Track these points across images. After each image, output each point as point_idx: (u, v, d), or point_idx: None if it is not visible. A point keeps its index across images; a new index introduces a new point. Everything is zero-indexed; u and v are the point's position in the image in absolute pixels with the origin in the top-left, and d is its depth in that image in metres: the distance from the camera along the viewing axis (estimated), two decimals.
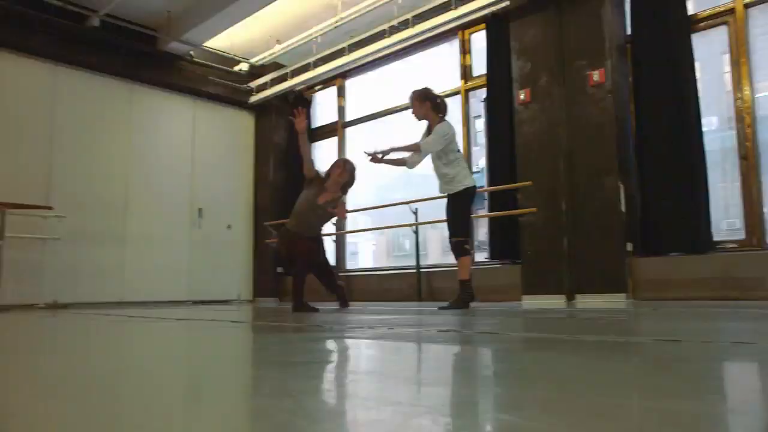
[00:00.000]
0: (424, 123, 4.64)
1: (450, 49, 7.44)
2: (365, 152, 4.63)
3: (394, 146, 4.59)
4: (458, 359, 1.55)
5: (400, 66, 7.92)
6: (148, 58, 7.60)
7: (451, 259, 4.65)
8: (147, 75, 7.67)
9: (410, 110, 4.64)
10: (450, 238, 4.49)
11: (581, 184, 5.20)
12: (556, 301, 5.11)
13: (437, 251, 8.64)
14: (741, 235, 4.92)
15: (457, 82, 7.07)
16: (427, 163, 4.70)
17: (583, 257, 5.12)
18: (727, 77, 5.19)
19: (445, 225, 4.67)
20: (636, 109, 5.34)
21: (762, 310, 3.26)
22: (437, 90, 7.24)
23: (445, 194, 4.58)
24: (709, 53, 5.42)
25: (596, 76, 5.20)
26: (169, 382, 1.22)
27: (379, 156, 4.55)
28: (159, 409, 0.90)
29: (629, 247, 5.00)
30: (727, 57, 5.19)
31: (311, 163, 4.93)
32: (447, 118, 4.60)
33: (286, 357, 1.55)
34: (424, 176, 4.65)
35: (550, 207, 5.32)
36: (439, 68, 7.89)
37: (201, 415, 0.87)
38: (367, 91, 8.41)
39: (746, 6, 5.08)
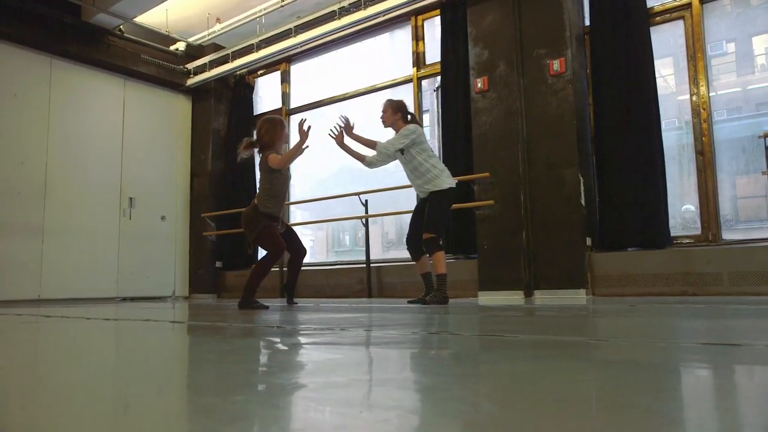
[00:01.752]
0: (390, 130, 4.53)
1: (400, 37, 7.16)
2: (334, 128, 4.46)
3: (360, 136, 4.49)
4: (517, 376, 1.26)
5: (348, 52, 7.57)
6: (72, 30, 6.87)
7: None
8: (70, 49, 6.92)
9: (381, 116, 4.49)
10: (425, 234, 4.21)
11: (540, 176, 5.05)
12: (513, 298, 4.93)
13: (378, 246, 8.33)
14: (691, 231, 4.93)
15: (409, 70, 6.81)
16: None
17: (541, 252, 4.97)
18: (684, 73, 5.18)
19: (385, 220, 4.49)
20: (594, 101, 5.25)
21: (745, 306, 3.16)
22: (389, 78, 7.03)
23: (425, 194, 4.34)
24: (666, 48, 5.38)
25: (556, 65, 5.06)
26: (78, 416, 0.86)
27: (348, 126, 4.44)
28: None
29: (588, 241, 4.89)
30: (683, 53, 5.17)
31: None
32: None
33: (261, 376, 1.20)
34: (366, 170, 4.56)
35: (509, 199, 5.15)
36: (389, 56, 7.60)
37: None
38: (312, 78, 8.00)
39: (702, 1, 5.07)
